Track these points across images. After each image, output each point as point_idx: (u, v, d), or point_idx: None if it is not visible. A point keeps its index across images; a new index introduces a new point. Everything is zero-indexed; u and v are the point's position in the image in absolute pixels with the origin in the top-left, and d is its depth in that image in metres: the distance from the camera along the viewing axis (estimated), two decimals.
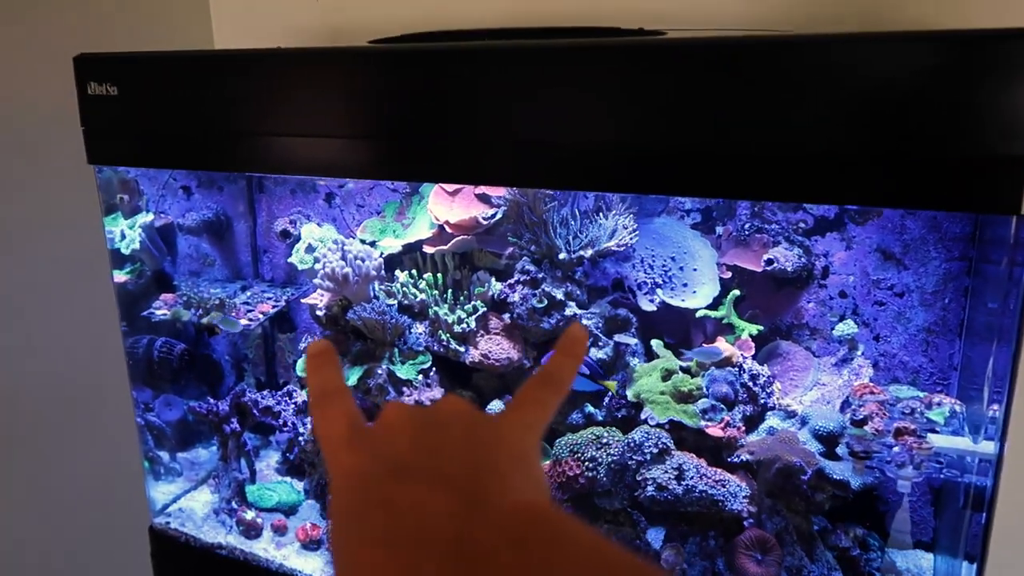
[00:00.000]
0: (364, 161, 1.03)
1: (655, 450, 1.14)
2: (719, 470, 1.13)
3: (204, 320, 1.40)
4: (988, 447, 0.90)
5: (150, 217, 1.44)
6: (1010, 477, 0.88)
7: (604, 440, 1.21)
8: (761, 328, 1.26)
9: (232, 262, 1.55)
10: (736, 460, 1.15)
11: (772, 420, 1.18)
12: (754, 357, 1.25)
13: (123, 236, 1.42)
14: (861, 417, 1.04)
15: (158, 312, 1.42)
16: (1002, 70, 0.73)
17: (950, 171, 0.77)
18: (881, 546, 1.23)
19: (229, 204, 1.52)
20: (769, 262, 1.23)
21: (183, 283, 1.46)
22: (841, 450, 1.06)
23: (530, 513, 0.32)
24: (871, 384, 1.13)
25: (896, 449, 0.97)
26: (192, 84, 1.09)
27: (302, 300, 1.42)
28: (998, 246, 1.03)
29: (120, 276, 1.43)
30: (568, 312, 1.28)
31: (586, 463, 1.19)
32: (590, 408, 1.30)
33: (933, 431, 1.01)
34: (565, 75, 0.87)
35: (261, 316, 1.41)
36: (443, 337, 1.31)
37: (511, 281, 1.32)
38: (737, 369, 1.21)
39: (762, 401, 1.19)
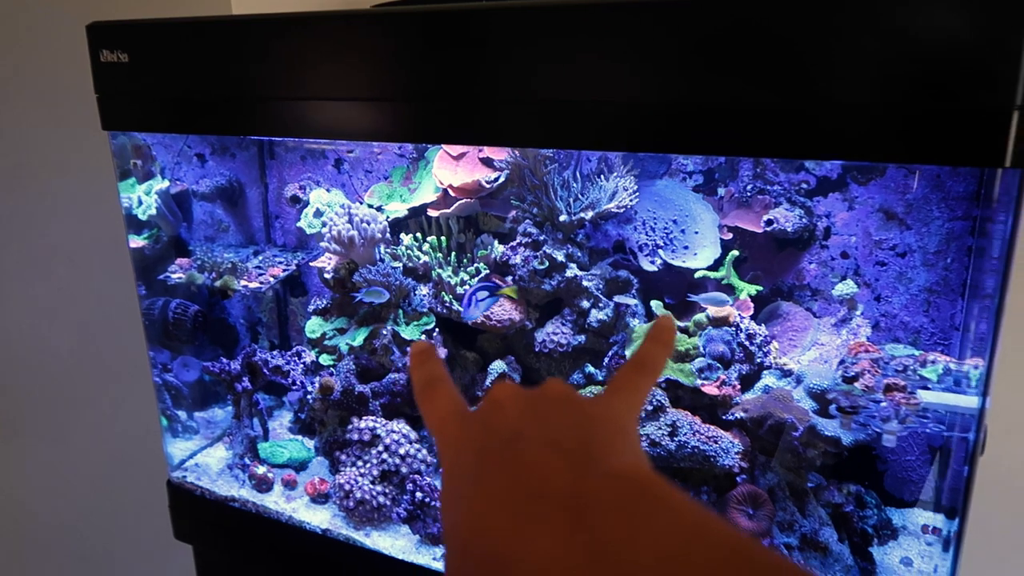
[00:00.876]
0: (371, 124, 1.04)
1: (649, 407, 1.16)
2: (712, 427, 1.15)
3: (218, 283, 1.45)
4: (972, 401, 0.91)
5: (166, 184, 1.48)
6: (994, 432, 0.88)
7: None
8: (760, 288, 1.26)
9: (245, 227, 1.59)
10: (731, 418, 1.16)
11: (768, 379, 1.19)
12: (753, 317, 1.25)
13: (140, 202, 1.47)
14: (852, 374, 1.05)
15: (173, 276, 1.47)
16: (981, 19, 0.72)
17: (933, 123, 0.76)
18: (878, 503, 1.24)
19: (242, 171, 1.56)
20: (769, 223, 1.23)
21: (198, 248, 1.51)
22: (832, 407, 1.07)
23: (632, 472, 0.34)
24: (867, 343, 1.13)
25: (884, 404, 0.98)
26: (198, 50, 1.12)
27: (311, 263, 1.46)
28: (995, 203, 1.02)
29: (138, 241, 1.48)
30: (569, 274, 1.29)
31: None
32: (590, 368, 1.32)
33: (925, 388, 1.01)
34: (565, 34, 0.87)
35: (272, 279, 1.45)
36: (446, 299, 1.34)
37: (513, 243, 1.33)
38: (734, 329, 1.21)
39: (758, 360, 1.20)
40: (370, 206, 1.43)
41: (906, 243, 1.21)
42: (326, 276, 1.40)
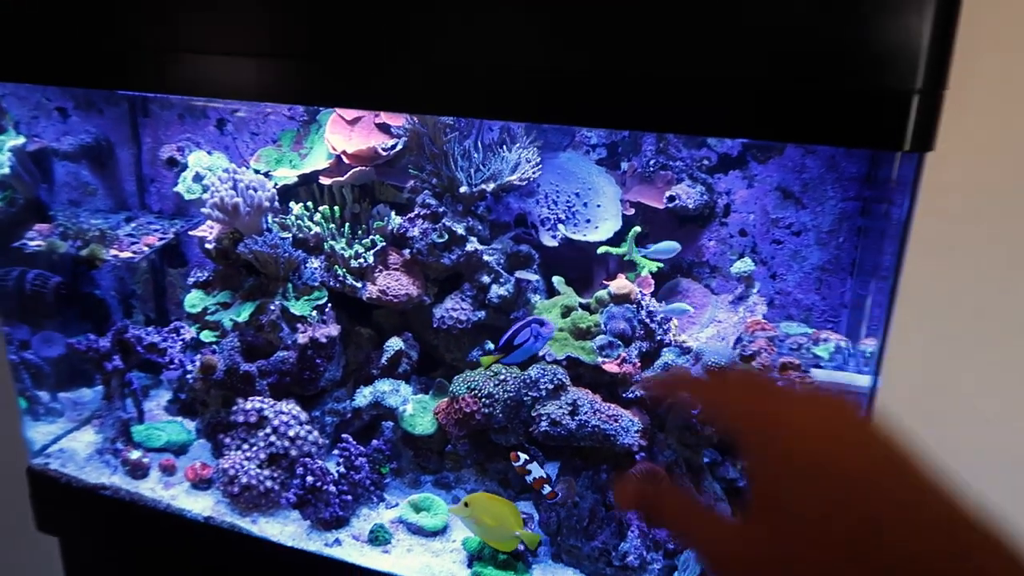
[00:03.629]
0: (251, 82, 0.95)
1: (550, 386, 1.14)
2: (613, 405, 1.14)
3: (84, 252, 1.32)
4: (864, 380, 0.93)
5: (21, 140, 1.33)
6: (884, 410, 0.91)
7: (502, 377, 1.20)
8: (661, 265, 1.25)
9: (116, 192, 1.45)
10: (631, 395, 1.15)
11: (667, 356, 1.19)
12: (654, 294, 1.25)
13: None
14: (750, 352, 1.05)
15: (32, 243, 1.32)
16: (885, 3, 0.71)
17: (837, 105, 0.75)
18: None
19: (111, 129, 1.41)
20: (671, 199, 1.22)
21: (60, 213, 1.36)
22: None
23: None
24: (763, 321, 1.15)
25: (779, 383, 0.99)
26: None
27: (190, 232, 1.35)
28: (888, 185, 1.04)
29: None
30: (469, 247, 1.24)
31: (483, 399, 1.18)
32: (490, 345, 1.28)
33: (817, 366, 1.03)
34: None
35: (147, 248, 1.33)
36: (339, 272, 1.26)
37: (411, 215, 1.27)
38: (635, 306, 1.20)
39: (658, 337, 1.19)
40: (256, 171, 1.33)
41: (801, 222, 1.23)
42: (208, 246, 1.30)
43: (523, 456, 1.11)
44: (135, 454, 1.29)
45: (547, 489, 1.10)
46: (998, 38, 0.84)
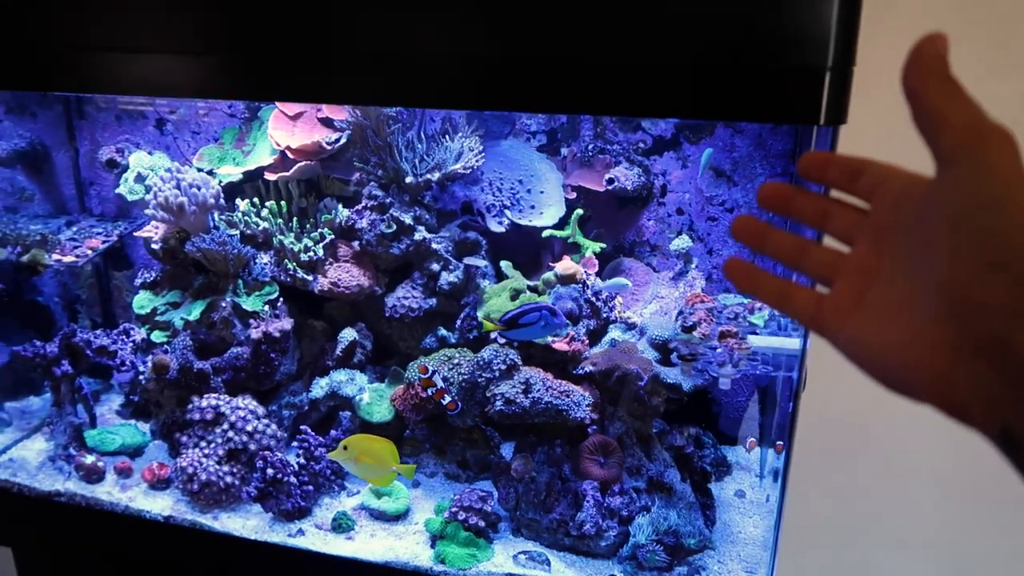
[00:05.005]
0: (185, 79, 0.96)
1: (503, 366, 1.17)
2: (564, 382, 1.18)
3: (25, 258, 1.30)
4: (795, 343, 0.99)
5: None
6: (814, 368, 0.97)
7: (456, 360, 1.23)
8: (604, 246, 1.30)
9: (54, 196, 1.43)
10: (581, 372, 1.20)
11: (614, 332, 1.24)
12: (598, 274, 1.29)
13: None
14: (691, 323, 1.11)
15: None
16: None
17: (759, 84, 0.80)
18: (714, 443, 1.33)
19: (46, 132, 1.39)
20: (610, 181, 1.27)
21: None
22: (674, 356, 1.13)
23: None
24: (702, 294, 1.20)
25: (719, 350, 1.05)
26: None
27: (135, 233, 1.34)
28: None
29: None
30: (418, 236, 1.27)
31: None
32: (443, 331, 1.31)
33: (754, 333, 1.09)
34: None
35: (90, 252, 1.32)
36: (290, 266, 1.28)
37: (358, 207, 1.29)
38: (581, 286, 1.25)
39: (604, 315, 1.24)
40: (199, 170, 1.33)
41: (733, 199, 1.29)
42: (154, 247, 1.29)
43: (431, 368, 1.18)
44: (89, 459, 1.28)
45: (447, 399, 1.17)
46: (899, 17, 0.91)
